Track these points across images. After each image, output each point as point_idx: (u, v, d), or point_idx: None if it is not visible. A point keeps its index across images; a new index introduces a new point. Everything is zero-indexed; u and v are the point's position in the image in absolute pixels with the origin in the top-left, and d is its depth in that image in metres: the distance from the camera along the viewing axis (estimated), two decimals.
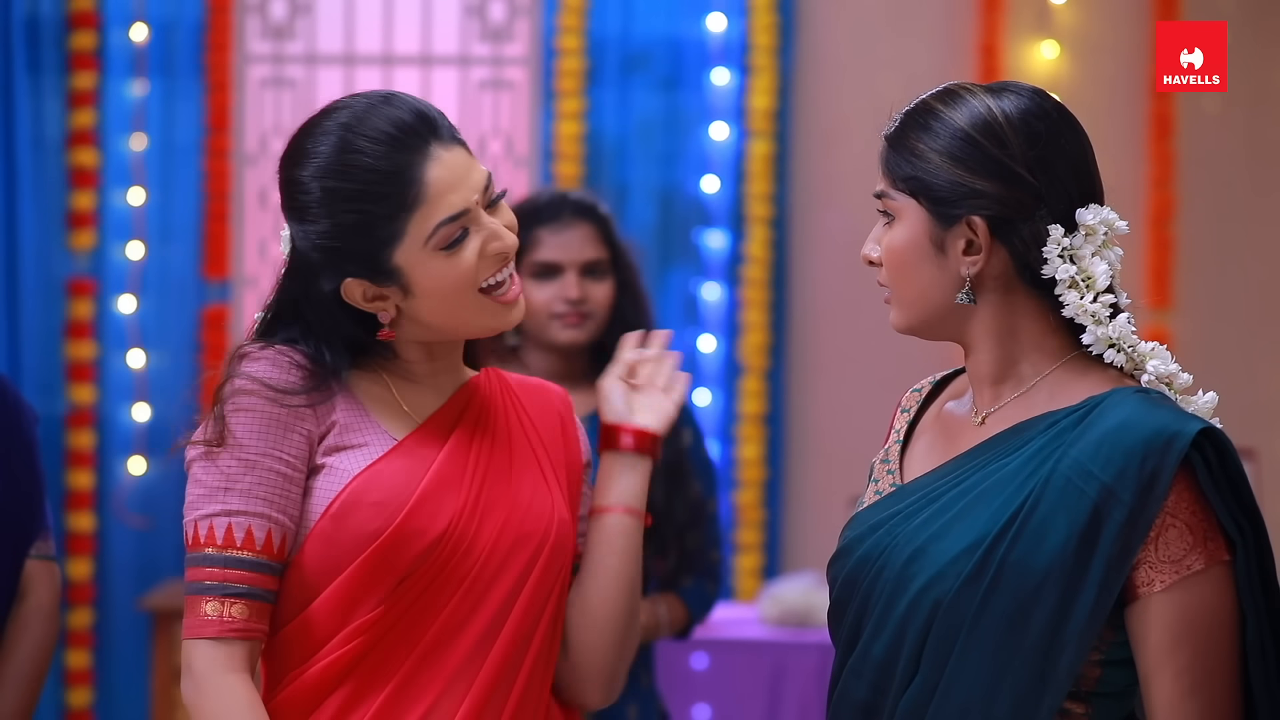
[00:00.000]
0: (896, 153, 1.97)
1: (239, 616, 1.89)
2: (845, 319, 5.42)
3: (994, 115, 1.93)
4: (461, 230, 1.96)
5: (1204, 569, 1.83)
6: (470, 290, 1.97)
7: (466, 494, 1.97)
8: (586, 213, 3.28)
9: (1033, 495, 1.85)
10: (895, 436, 2.09)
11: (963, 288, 1.94)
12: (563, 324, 3.23)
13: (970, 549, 1.86)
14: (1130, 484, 1.82)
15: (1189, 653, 1.82)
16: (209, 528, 1.90)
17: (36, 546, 2.63)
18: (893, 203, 1.96)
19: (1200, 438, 1.83)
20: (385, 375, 2.03)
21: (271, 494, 1.91)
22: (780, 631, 4.83)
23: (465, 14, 5.45)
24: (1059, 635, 1.83)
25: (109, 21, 5.30)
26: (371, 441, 1.97)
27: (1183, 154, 5.43)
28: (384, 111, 1.97)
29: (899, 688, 1.89)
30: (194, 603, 1.91)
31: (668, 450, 3.24)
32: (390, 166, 1.94)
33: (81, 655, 5.28)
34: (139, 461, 5.31)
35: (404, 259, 1.96)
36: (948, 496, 1.92)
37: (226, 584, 1.90)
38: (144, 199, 5.33)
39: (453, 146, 1.98)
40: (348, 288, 1.98)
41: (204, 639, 1.90)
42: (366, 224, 1.94)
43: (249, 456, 1.92)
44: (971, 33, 5.42)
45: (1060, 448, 1.87)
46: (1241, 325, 5.37)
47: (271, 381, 1.95)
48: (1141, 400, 1.88)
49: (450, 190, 1.95)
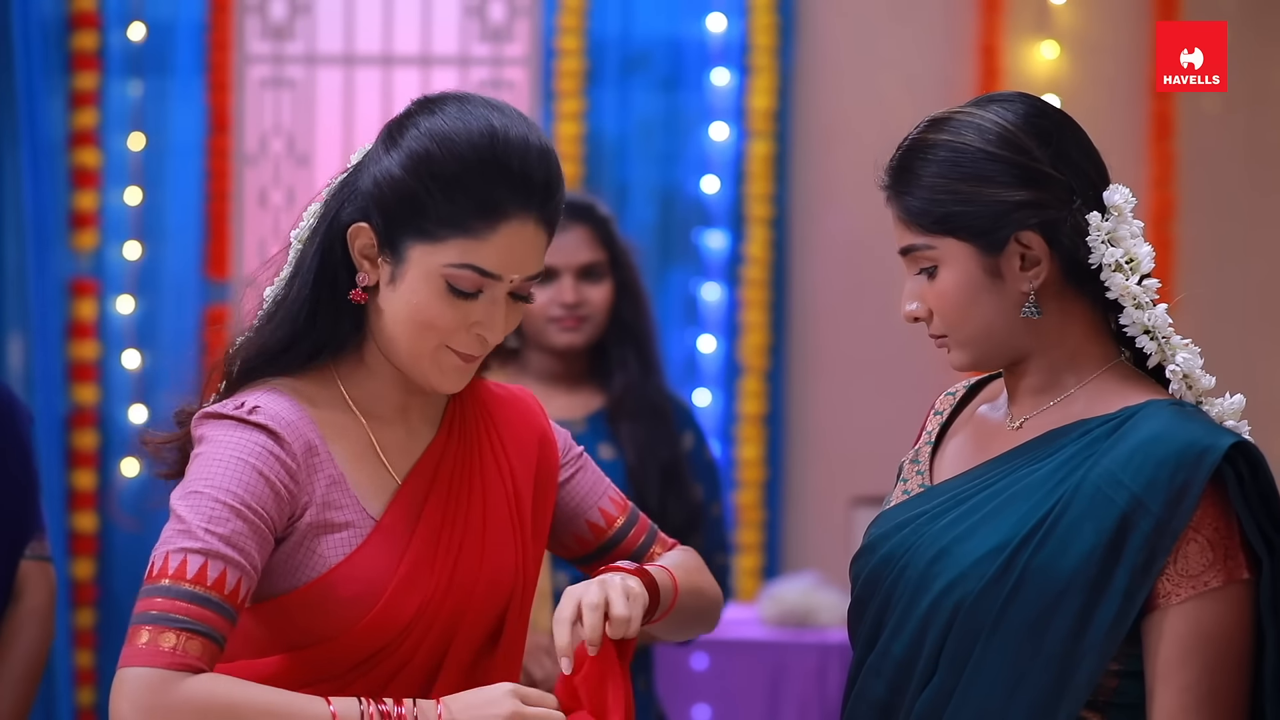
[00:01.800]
0: (914, 198, 1.92)
1: (193, 653, 1.78)
2: (845, 319, 5.42)
3: (1002, 125, 1.92)
4: (477, 288, 1.89)
5: (1221, 586, 1.82)
6: (435, 339, 1.90)
7: (439, 578, 1.92)
8: (583, 215, 3.27)
9: (1062, 501, 1.85)
10: (926, 438, 2.08)
11: (1025, 303, 1.92)
12: (559, 327, 3.23)
13: (995, 551, 1.85)
14: (1160, 495, 1.81)
15: (1196, 669, 1.81)
16: (180, 561, 1.81)
17: (32, 547, 2.63)
18: (931, 251, 1.91)
19: (1233, 451, 1.82)
20: (365, 422, 1.96)
21: (248, 544, 1.83)
22: (780, 632, 4.83)
23: (465, 14, 5.45)
24: (1079, 643, 1.82)
25: (109, 21, 5.30)
26: (352, 522, 1.91)
27: (1183, 154, 5.43)
28: (533, 152, 1.89)
29: (917, 687, 1.88)
30: (150, 632, 1.78)
31: (665, 453, 3.24)
32: (487, 189, 1.87)
33: (85, 655, 5.28)
34: (133, 463, 5.30)
35: (417, 257, 1.89)
36: (976, 498, 1.91)
37: (173, 616, 1.78)
38: (143, 199, 5.33)
39: (542, 230, 1.91)
40: (357, 231, 1.91)
41: (154, 667, 1.77)
42: (422, 205, 1.88)
43: (232, 503, 1.84)
44: (971, 33, 5.42)
45: (1093, 456, 1.86)
46: (1241, 325, 5.37)
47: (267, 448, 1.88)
48: (1176, 413, 1.87)
49: (505, 255, 1.88)
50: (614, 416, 3.24)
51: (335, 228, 1.94)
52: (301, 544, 1.89)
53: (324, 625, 1.88)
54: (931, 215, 1.91)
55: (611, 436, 3.21)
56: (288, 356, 1.95)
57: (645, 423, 3.23)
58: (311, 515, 1.89)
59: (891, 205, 1.95)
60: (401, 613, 1.89)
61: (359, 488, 1.93)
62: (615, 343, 3.28)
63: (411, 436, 1.98)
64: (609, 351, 3.28)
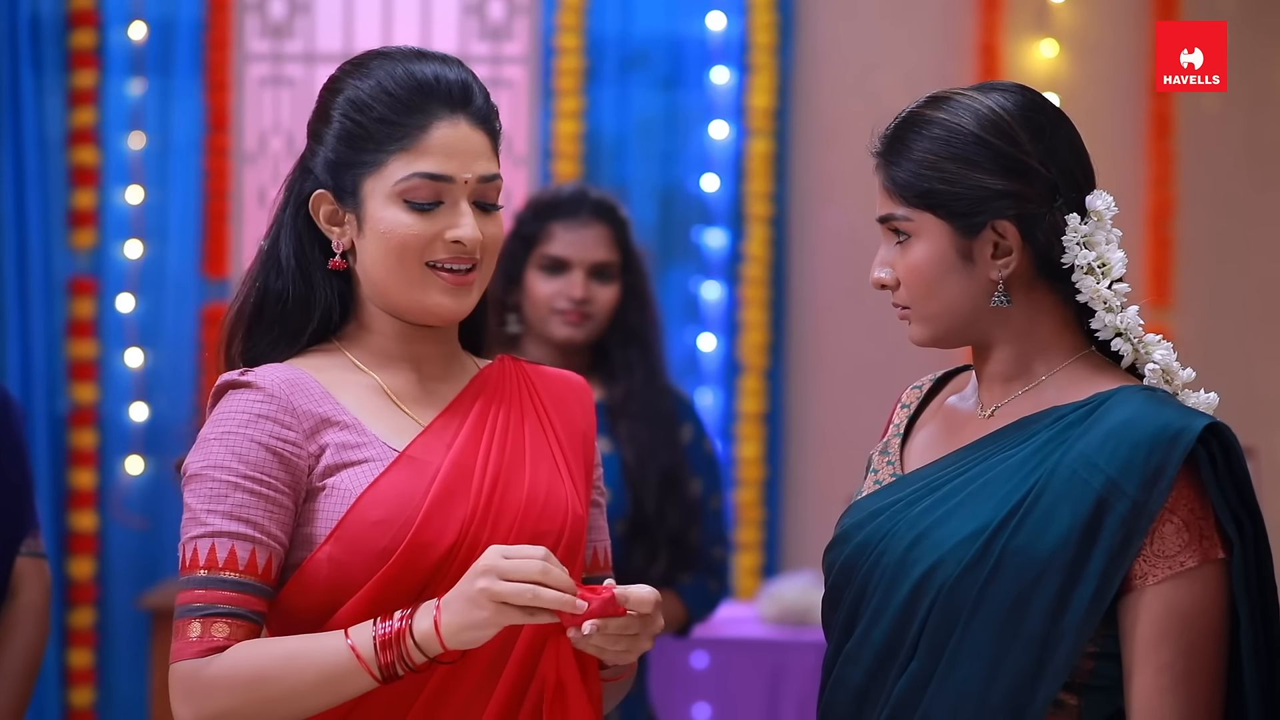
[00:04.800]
0: (901, 169, 1.94)
1: (220, 636, 1.85)
2: (845, 317, 5.42)
3: (998, 113, 1.93)
4: (435, 197, 1.95)
5: (1196, 566, 1.84)
6: (414, 258, 1.94)
7: (475, 499, 1.92)
8: (605, 214, 3.27)
9: (1038, 485, 1.86)
10: (895, 430, 2.09)
11: (994, 291, 1.94)
12: (562, 320, 3.23)
13: (973, 535, 1.87)
14: (1135, 477, 1.83)
15: (1173, 649, 1.83)
16: (193, 550, 1.87)
17: (27, 544, 2.63)
18: (908, 223, 1.94)
19: (1206, 434, 1.84)
20: (375, 375, 1.99)
21: (254, 515, 1.87)
22: (779, 630, 4.83)
23: (464, 13, 5.45)
24: (1057, 624, 1.84)
25: (108, 20, 5.30)
26: (373, 456, 1.93)
27: (1182, 153, 5.43)
28: (438, 64, 1.98)
29: (896, 672, 1.89)
30: (180, 626, 1.87)
31: (665, 458, 3.24)
32: (408, 101, 1.94)
33: (83, 654, 5.27)
34: (136, 461, 5.30)
35: (370, 190, 1.95)
36: (951, 484, 1.92)
37: (210, 605, 1.85)
38: (143, 198, 5.32)
39: (478, 128, 1.98)
40: (316, 200, 1.98)
41: (188, 659, 1.86)
42: (357, 137, 1.95)
43: (231, 479, 1.88)
44: (971, 32, 5.42)
45: (1066, 441, 1.88)
46: (1241, 323, 5.37)
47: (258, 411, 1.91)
48: (1148, 398, 1.89)
49: (446, 155, 1.95)
50: (615, 414, 3.24)
51: (299, 207, 2.00)
52: (323, 485, 1.91)
53: (367, 558, 1.88)
54: (915, 189, 1.93)
55: (608, 431, 3.21)
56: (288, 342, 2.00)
57: (648, 425, 3.23)
58: (329, 457, 1.92)
59: (879, 173, 1.97)
60: (442, 534, 1.90)
61: (377, 430, 1.95)
62: (620, 345, 3.28)
63: (429, 388, 2.01)
64: (614, 354, 3.28)
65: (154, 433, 5.31)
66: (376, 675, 1.82)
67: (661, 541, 3.21)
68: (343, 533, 1.89)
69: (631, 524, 3.19)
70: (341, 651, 1.82)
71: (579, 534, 1.99)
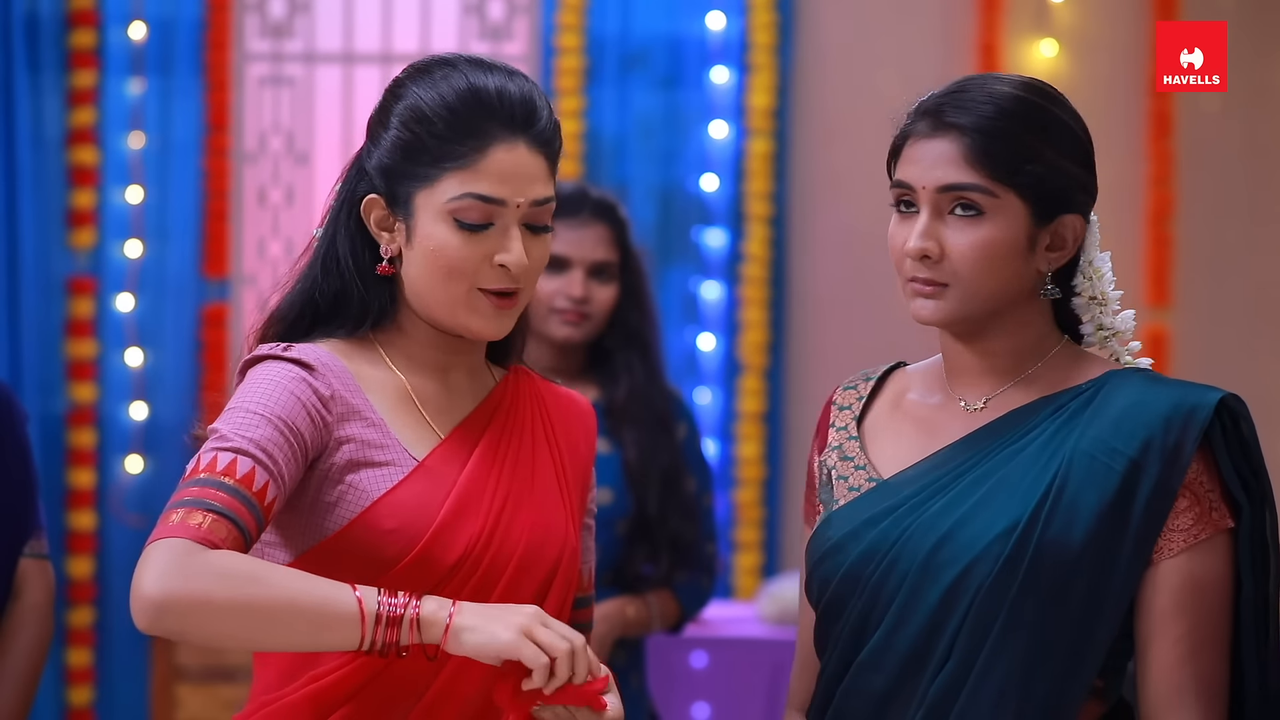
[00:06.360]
0: (1005, 148, 1.89)
1: (219, 534, 1.76)
2: (845, 317, 5.42)
3: (1075, 112, 1.97)
4: (485, 219, 1.92)
5: (1209, 537, 1.87)
6: (461, 281, 1.92)
7: (485, 519, 1.92)
8: (606, 213, 3.27)
9: (1059, 475, 1.87)
10: (843, 434, 2.05)
11: (1038, 282, 1.94)
12: (561, 319, 3.22)
13: (1006, 533, 1.87)
14: (1156, 455, 1.85)
15: (1189, 619, 1.86)
16: (208, 459, 1.81)
17: (30, 545, 2.63)
18: (988, 198, 1.89)
19: (1220, 406, 1.87)
20: (403, 376, 1.98)
21: (276, 453, 1.84)
22: (779, 630, 4.83)
23: (464, 12, 5.45)
24: (1096, 610, 1.86)
25: (108, 20, 5.30)
26: (395, 461, 1.92)
27: (1182, 153, 5.43)
28: (507, 81, 1.94)
29: (930, 675, 1.88)
30: (181, 513, 1.77)
31: (666, 459, 3.24)
32: (469, 118, 1.91)
33: (82, 654, 5.27)
34: (136, 460, 5.30)
35: (422, 203, 1.93)
36: (963, 483, 1.91)
37: (201, 499, 1.78)
38: (143, 197, 5.32)
39: (536, 152, 1.94)
40: (369, 204, 1.96)
41: (176, 538, 1.75)
42: (414, 149, 1.92)
43: (265, 414, 1.85)
44: (971, 31, 5.42)
45: (1076, 429, 1.89)
46: (1240, 324, 5.37)
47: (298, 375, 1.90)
48: (1145, 378, 1.92)
49: (501, 178, 1.92)
50: (616, 415, 3.24)
51: (352, 208, 1.99)
52: (342, 479, 1.90)
53: (371, 563, 1.88)
54: (1009, 165, 1.89)
55: (608, 432, 3.21)
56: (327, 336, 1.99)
57: (649, 427, 3.23)
58: (351, 452, 1.91)
59: (942, 137, 1.91)
60: (448, 551, 1.89)
61: (400, 435, 1.95)
62: (619, 346, 3.28)
63: (453, 398, 2.00)
64: (613, 354, 3.28)
65: (153, 432, 5.31)
66: (366, 636, 1.76)
67: (663, 541, 3.21)
68: (352, 532, 1.89)
69: (633, 524, 3.19)
70: (347, 598, 1.76)
71: (574, 565, 2.00)
